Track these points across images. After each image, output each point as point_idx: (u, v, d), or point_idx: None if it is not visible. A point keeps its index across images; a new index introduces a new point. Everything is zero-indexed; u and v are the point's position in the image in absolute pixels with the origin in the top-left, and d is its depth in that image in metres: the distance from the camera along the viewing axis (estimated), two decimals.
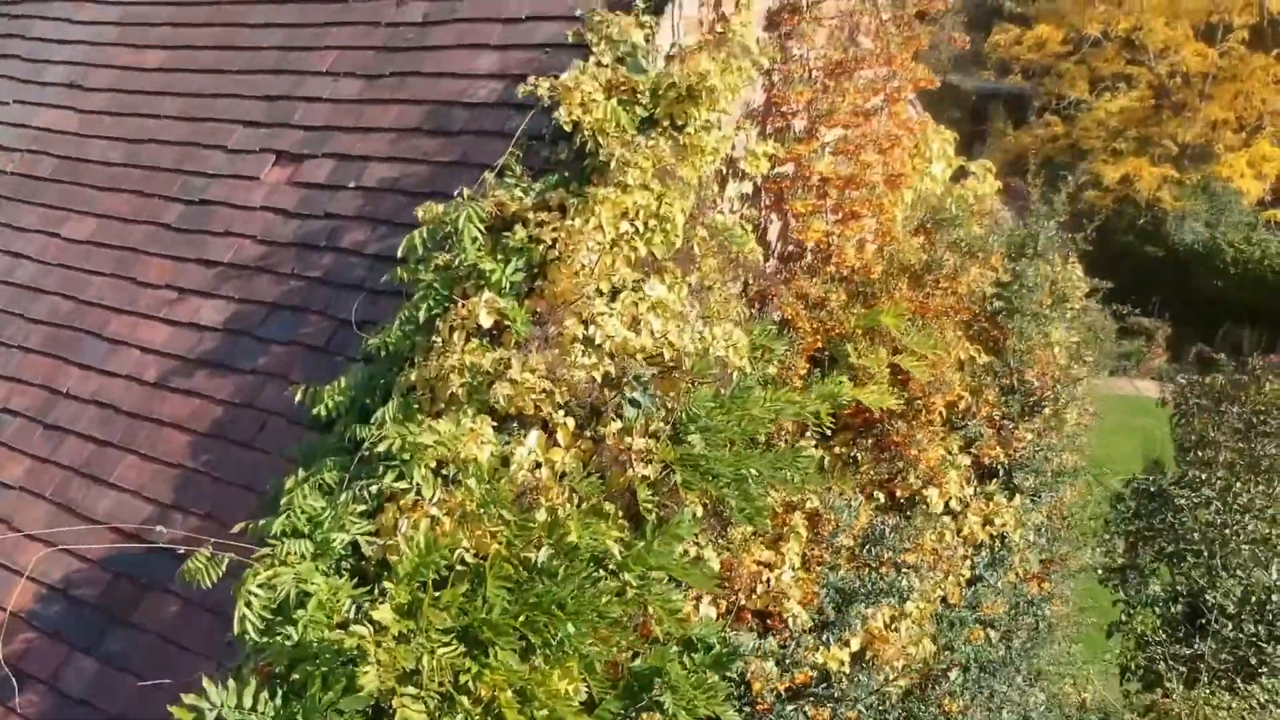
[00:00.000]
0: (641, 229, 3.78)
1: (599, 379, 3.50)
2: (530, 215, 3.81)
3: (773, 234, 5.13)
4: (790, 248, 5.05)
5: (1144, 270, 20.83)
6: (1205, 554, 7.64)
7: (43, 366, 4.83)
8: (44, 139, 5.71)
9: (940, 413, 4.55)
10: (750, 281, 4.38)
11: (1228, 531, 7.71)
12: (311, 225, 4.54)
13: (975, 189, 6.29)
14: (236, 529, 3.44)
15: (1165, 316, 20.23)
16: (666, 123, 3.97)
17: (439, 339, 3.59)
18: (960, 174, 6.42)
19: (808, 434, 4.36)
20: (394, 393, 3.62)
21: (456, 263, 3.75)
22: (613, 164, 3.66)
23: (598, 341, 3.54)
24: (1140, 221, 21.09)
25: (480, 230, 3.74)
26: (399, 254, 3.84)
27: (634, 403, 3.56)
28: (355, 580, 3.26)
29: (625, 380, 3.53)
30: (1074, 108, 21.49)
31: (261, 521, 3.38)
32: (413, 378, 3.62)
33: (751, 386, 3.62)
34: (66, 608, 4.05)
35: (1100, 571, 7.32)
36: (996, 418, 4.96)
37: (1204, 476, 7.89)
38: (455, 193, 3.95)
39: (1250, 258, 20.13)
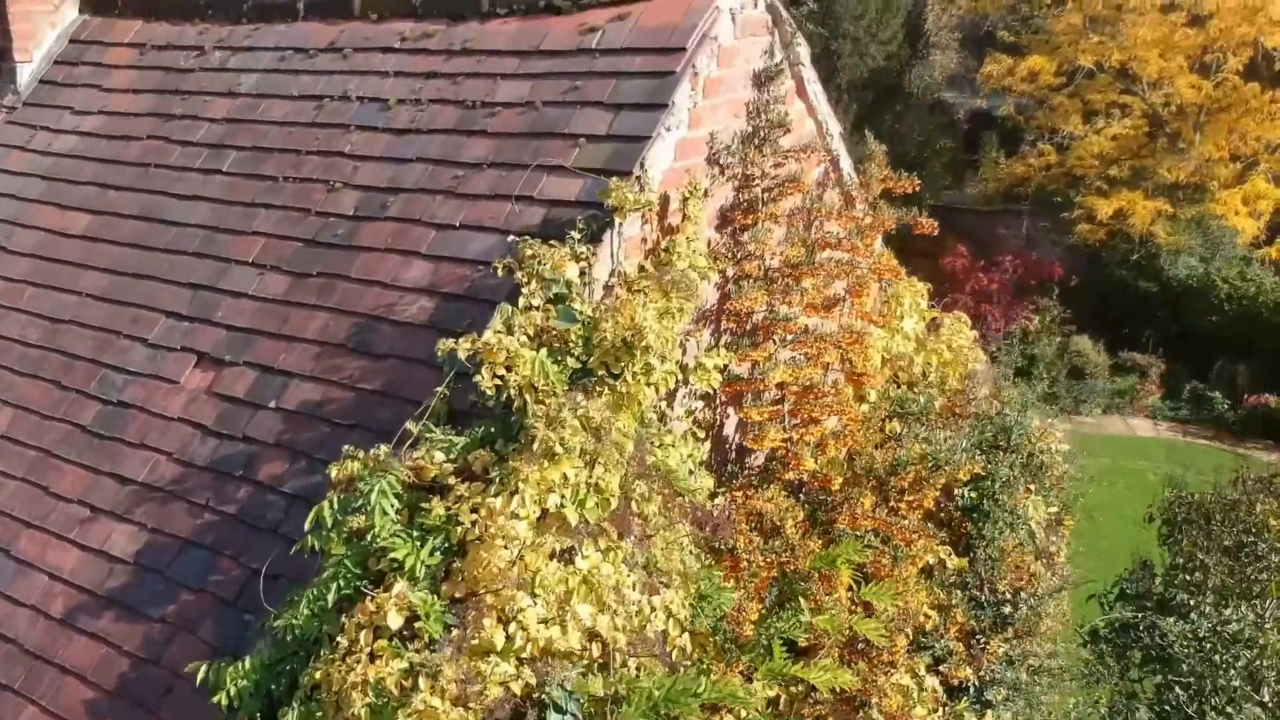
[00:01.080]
0: (571, 497, 3.48)
1: (519, 692, 3.20)
2: (451, 481, 3.52)
3: (729, 428, 4.83)
4: (748, 440, 4.74)
5: (1137, 305, 20.57)
6: (1194, 688, 7.38)
7: None
8: None
9: (904, 646, 4.25)
10: (703, 522, 4.07)
11: (1217, 658, 7.44)
12: (229, 448, 4.24)
13: (950, 341, 6.00)
14: None
15: (1159, 352, 19.95)
16: (602, 371, 3.67)
17: (344, 639, 3.29)
18: (935, 322, 6.14)
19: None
20: (296, 695, 3.32)
21: (369, 537, 3.45)
22: (536, 442, 3.36)
23: (518, 644, 3.24)
24: (1134, 257, 20.80)
25: (394, 503, 3.44)
26: (306, 525, 3.53)
27: (559, 708, 3.26)
28: None
29: (548, 687, 3.23)
30: (1068, 139, 21.20)
31: None
32: (318, 676, 3.32)
33: (688, 688, 3.32)
34: None
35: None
36: (967, 630, 4.66)
37: (1193, 602, 7.63)
38: (371, 445, 3.66)
39: (1245, 293, 19.86)
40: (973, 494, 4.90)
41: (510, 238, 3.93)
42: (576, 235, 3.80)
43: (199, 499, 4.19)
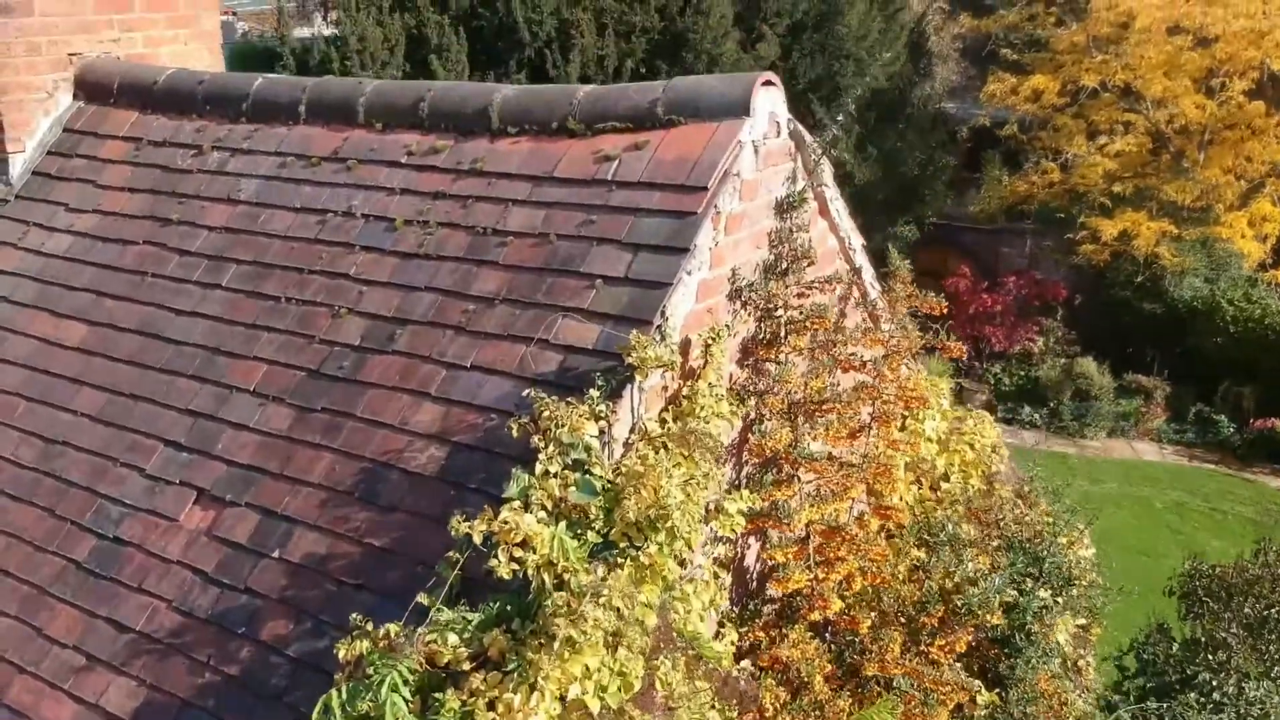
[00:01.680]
0: (594, 687, 3.31)
1: None
2: (465, 666, 3.34)
3: (750, 558, 4.66)
4: (771, 581, 4.57)
5: (1142, 326, 20.40)
6: None
7: None
8: None
9: None
10: (727, 683, 3.89)
11: None
12: (231, 600, 4.05)
13: (973, 440, 5.83)
14: None
15: (1164, 374, 19.79)
16: (624, 544, 3.49)
17: None
18: (959, 419, 5.97)
19: None
20: None
21: None
22: (558, 641, 3.18)
23: None
24: (1139, 278, 20.62)
25: (405, 696, 3.27)
26: (314, 715, 3.35)
27: None
28: None
29: None
30: (1072, 158, 21.01)
31: None
32: None
33: None
34: None
35: None
36: None
37: (1215, 682, 7.48)
38: (379, 610, 3.48)
39: (1250, 316, 19.70)
40: (1003, 622, 4.73)
41: (526, 392, 3.73)
42: (596, 394, 3.62)
43: (200, 655, 4.01)
